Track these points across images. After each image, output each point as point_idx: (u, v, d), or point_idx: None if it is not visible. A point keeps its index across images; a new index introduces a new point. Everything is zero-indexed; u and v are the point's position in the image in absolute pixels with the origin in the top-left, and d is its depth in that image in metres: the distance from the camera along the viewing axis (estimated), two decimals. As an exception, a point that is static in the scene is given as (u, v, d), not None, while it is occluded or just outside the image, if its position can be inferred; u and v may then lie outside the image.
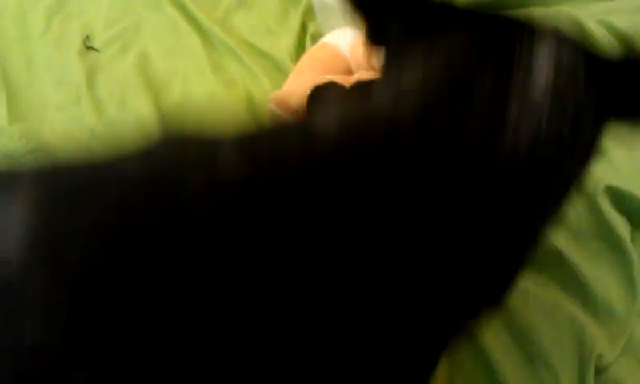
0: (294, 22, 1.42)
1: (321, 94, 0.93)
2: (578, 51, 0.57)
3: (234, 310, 0.46)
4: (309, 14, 1.44)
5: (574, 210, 0.97)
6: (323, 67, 1.12)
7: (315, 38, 1.36)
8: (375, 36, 0.72)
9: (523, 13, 0.62)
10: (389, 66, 0.63)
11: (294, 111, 1.01)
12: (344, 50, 1.15)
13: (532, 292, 0.87)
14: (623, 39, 1.36)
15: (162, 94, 1.22)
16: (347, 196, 0.50)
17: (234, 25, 1.42)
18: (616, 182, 0.98)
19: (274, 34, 1.40)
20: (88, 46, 1.33)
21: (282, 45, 1.36)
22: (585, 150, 0.60)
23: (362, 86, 0.67)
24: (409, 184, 0.51)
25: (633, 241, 0.93)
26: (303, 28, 1.40)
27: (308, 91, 0.97)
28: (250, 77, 1.29)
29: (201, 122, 0.58)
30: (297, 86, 1.07)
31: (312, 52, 1.18)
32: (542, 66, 0.55)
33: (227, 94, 1.24)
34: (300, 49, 1.36)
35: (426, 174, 0.51)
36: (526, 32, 0.57)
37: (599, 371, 0.81)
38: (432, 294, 0.53)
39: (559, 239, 0.94)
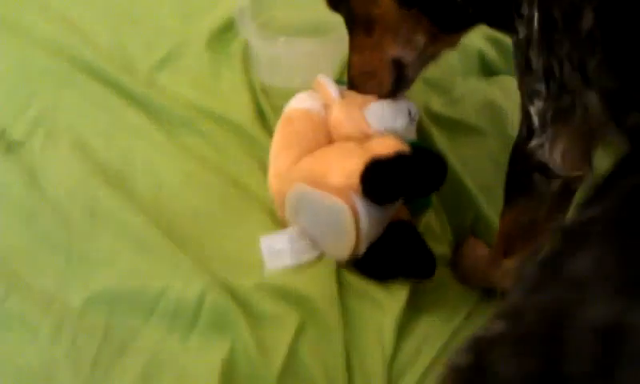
0: (233, 78, 1.29)
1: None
2: None
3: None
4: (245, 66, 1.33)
5: None
6: (313, 137, 1.04)
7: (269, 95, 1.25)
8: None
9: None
10: None
11: (336, 189, 0.94)
12: (319, 112, 1.07)
13: None
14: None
15: (131, 191, 1.05)
16: None
17: (166, 86, 1.26)
18: None
19: (214, 93, 1.27)
20: (9, 142, 1.11)
21: (235, 105, 1.22)
22: None
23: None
24: None
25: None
26: (250, 86, 1.27)
27: (360, 167, 0.93)
28: (212, 146, 1.16)
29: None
30: (316, 162, 1.00)
31: (293, 124, 1.07)
32: None
33: (198, 169, 1.10)
34: (257, 109, 1.23)
35: None
36: None
37: None
38: None
39: None
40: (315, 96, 1.10)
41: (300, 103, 1.08)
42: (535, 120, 0.79)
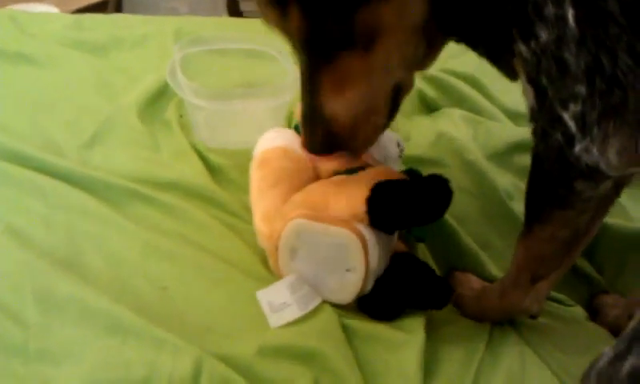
0: (173, 144, 1.21)
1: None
2: None
3: None
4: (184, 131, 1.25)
5: None
6: (297, 175, 0.96)
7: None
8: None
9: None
10: None
11: (339, 220, 0.85)
12: (296, 149, 0.99)
13: None
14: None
15: (84, 272, 0.91)
16: None
17: (100, 163, 1.13)
18: None
19: (155, 161, 1.16)
20: None
21: (181, 168, 1.13)
22: None
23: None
24: None
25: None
26: (194, 148, 1.19)
27: (364, 195, 0.85)
28: (166, 213, 1.03)
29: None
30: (311, 196, 0.90)
31: (271, 164, 0.98)
32: None
33: (157, 238, 0.97)
34: (208, 167, 1.15)
35: None
36: None
37: None
38: None
39: None
40: (286, 133, 1.02)
41: (272, 142, 1.00)
42: (571, 125, 0.72)
